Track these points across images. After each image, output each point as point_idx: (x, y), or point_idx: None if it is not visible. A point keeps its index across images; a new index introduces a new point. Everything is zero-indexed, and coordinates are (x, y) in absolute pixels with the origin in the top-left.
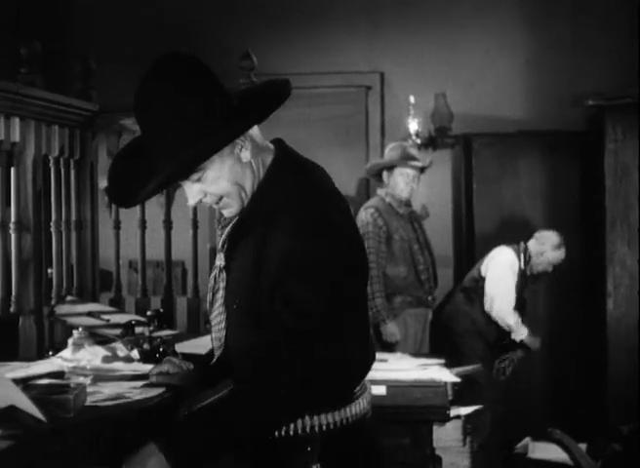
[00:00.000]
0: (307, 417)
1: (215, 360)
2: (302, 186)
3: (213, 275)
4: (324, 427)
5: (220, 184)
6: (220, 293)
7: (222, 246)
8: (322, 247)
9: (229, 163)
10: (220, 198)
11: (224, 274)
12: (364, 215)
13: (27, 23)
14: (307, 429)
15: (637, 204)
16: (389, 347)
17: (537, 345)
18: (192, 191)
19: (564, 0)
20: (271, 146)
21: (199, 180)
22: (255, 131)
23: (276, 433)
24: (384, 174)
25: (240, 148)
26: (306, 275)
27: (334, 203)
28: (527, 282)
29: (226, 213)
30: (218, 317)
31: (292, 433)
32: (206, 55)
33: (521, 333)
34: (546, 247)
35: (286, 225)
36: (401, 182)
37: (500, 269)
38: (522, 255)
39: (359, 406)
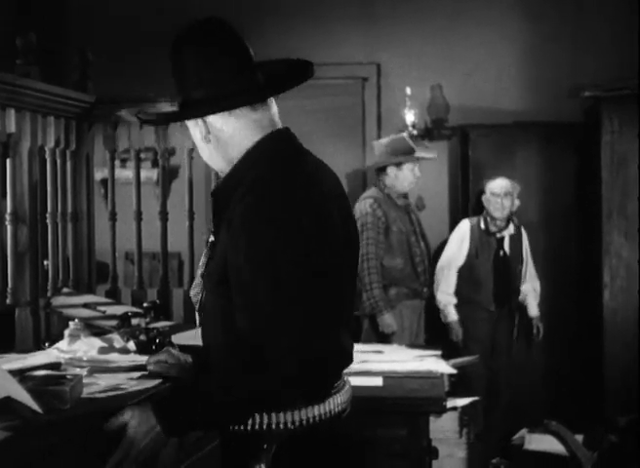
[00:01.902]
0: (265, 414)
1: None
2: (277, 167)
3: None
4: (281, 426)
5: (194, 141)
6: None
7: (212, 227)
8: (276, 233)
9: (197, 139)
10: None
11: (210, 251)
12: (363, 206)
13: (25, 15)
14: (264, 426)
15: (633, 195)
16: (386, 338)
17: (458, 337)
18: None
19: None
20: (274, 129)
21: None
22: (230, 123)
23: (234, 427)
24: (391, 168)
25: (200, 132)
26: (266, 267)
27: (312, 185)
28: (499, 242)
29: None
30: (196, 288)
31: (249, 428)
32: None
33: (447, 315)
34: (488, 195)
35: (247, 204)
36: (410, 176)
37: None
38: (481, 219)
39: (330, 404)
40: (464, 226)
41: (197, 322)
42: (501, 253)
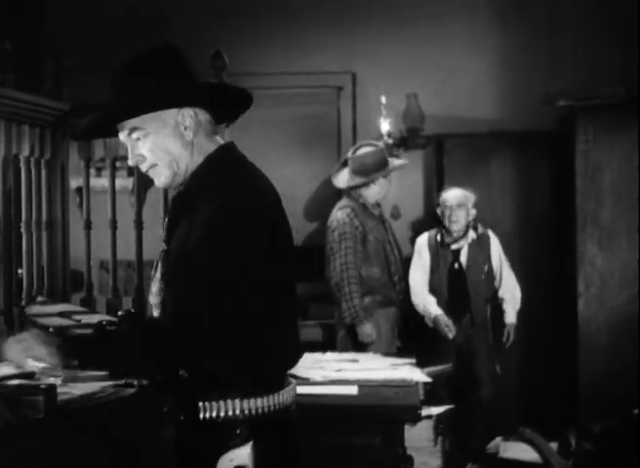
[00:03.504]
0: (238, 400)
1: None
2: (229, 177)
3: (155, 261)
4: (253, 412)
5: (156, 150)
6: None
7: (165, 233)
8: (233, 235)
9: (171, 135)
10: (154, 165)
11: (164, 258)
12: (340, 215)
13: (2, 22)
14: (237, 411)
15: (607, 204)
16: (362, 347)
17: (449, 328)
18: (133, 151)
19: (537, 1)
20: (220, 142)
21: (139, 140)
22: (206, 123)
23: (206, 414)
24: (380, 179)
25: (185, 128)
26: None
27: (258, 193)
28: (454, 253)
29: (156, 181)
30: (158, 295)
31: (222, 414)
32: None
33: (430, 312)
34: (442, 207)
35: (207, 210)
36: (386, 185)
37: None
38: (437, 232)
39: (282, 396)
40: (421, 240)
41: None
42: (456, 265)
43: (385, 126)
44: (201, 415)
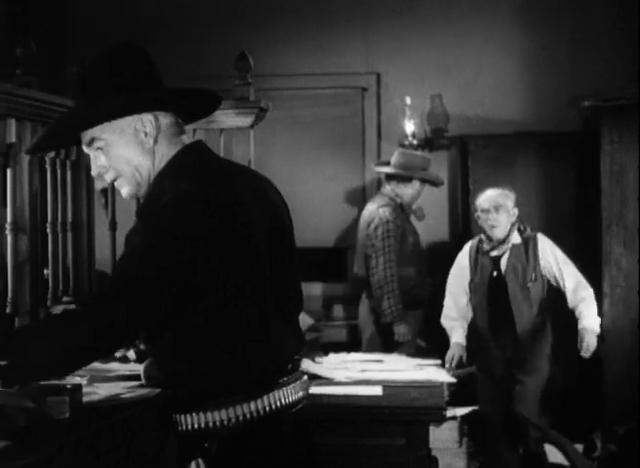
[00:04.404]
0: (202, 413)
1: None
2: (187, 178)
3: None
4: (218, 423)
5: (116, 161)
6: None
7: None
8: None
9: (130, 143)
10: (117, 177)
11: None
12: (382, 213)
13: (24, 25)
14: (202, 424)
15: (633, 205)
16: (393, 348)
17: (451, 360)
18: (95, 162)
19: (561, 1)
20: (186, 143)
21: (100, 150)
22: (169, 126)
23: (178, 427)
24: (416, 181)
25: (145, 134)
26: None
27: (214, 190)
28: (493, 260)
29: (122, 193)
30: None
31: (189, 427)
32: (203, 55)
33: (450, 337)
34: (478, 213)
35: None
36: (419, 191)
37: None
38: (478, 239)
39: (268, 400)
40: (465, 249)
41: None
42: (495, 273)
43: (410, 127)
44: (176, 428)
